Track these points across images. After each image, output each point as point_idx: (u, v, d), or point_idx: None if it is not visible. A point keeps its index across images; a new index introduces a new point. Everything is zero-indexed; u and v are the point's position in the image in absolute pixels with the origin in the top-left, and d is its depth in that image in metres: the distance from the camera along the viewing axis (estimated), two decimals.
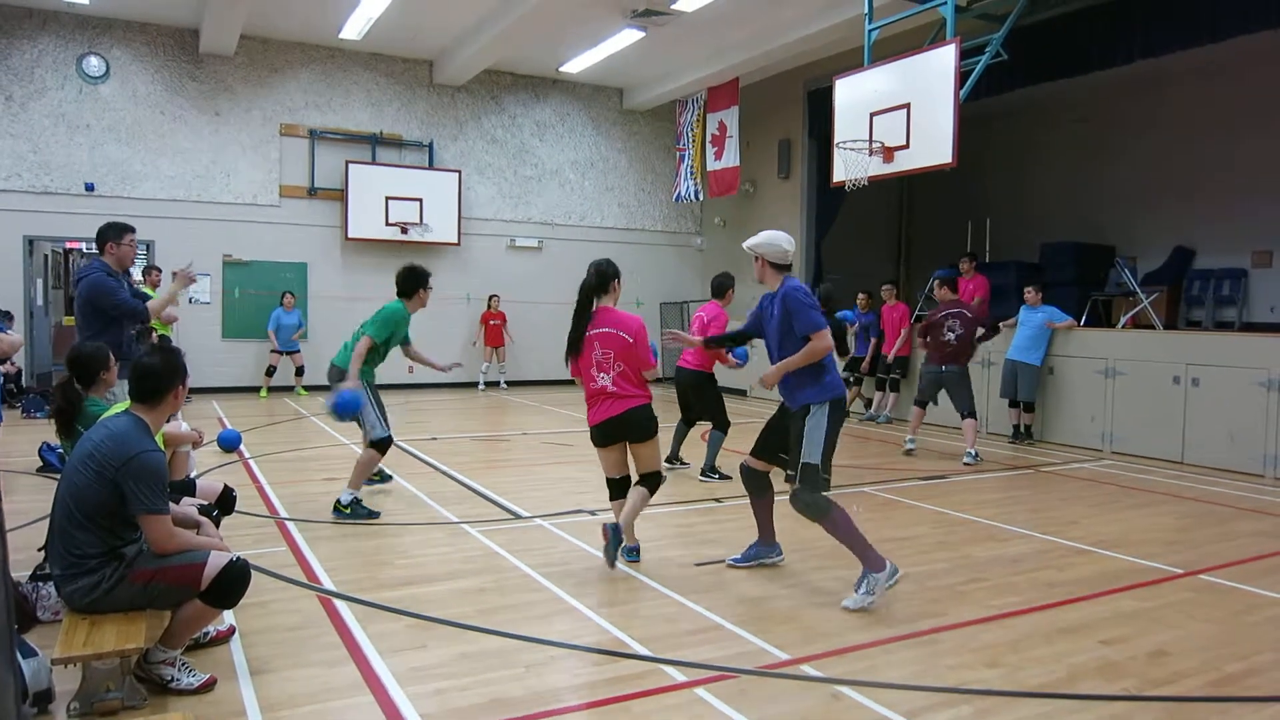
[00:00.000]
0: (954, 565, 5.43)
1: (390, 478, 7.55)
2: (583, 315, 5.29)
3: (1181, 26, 9.76)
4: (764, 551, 5.35)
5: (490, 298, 15.98)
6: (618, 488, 5.37)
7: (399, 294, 6.67)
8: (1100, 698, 3.57)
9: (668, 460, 8.10)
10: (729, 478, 7.66)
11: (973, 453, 9.05)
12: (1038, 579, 5.17)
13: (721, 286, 8.26)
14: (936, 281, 9.63)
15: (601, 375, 5.15)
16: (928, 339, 9.40)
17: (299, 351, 14.46)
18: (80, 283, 5.78)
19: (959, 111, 9.61)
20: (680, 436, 8.36)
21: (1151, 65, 10.84)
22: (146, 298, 6.17)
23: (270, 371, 14.35)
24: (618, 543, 5.15)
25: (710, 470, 7.95)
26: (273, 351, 14.32)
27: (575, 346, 5.23)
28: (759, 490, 5.25)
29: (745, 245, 5.10)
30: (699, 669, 3.77)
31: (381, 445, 6.49)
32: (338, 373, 6.57)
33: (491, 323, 15.92)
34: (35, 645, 3.44)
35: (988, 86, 10.57)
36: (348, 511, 6.27)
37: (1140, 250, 13.35)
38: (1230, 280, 12.46)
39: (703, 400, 8.09)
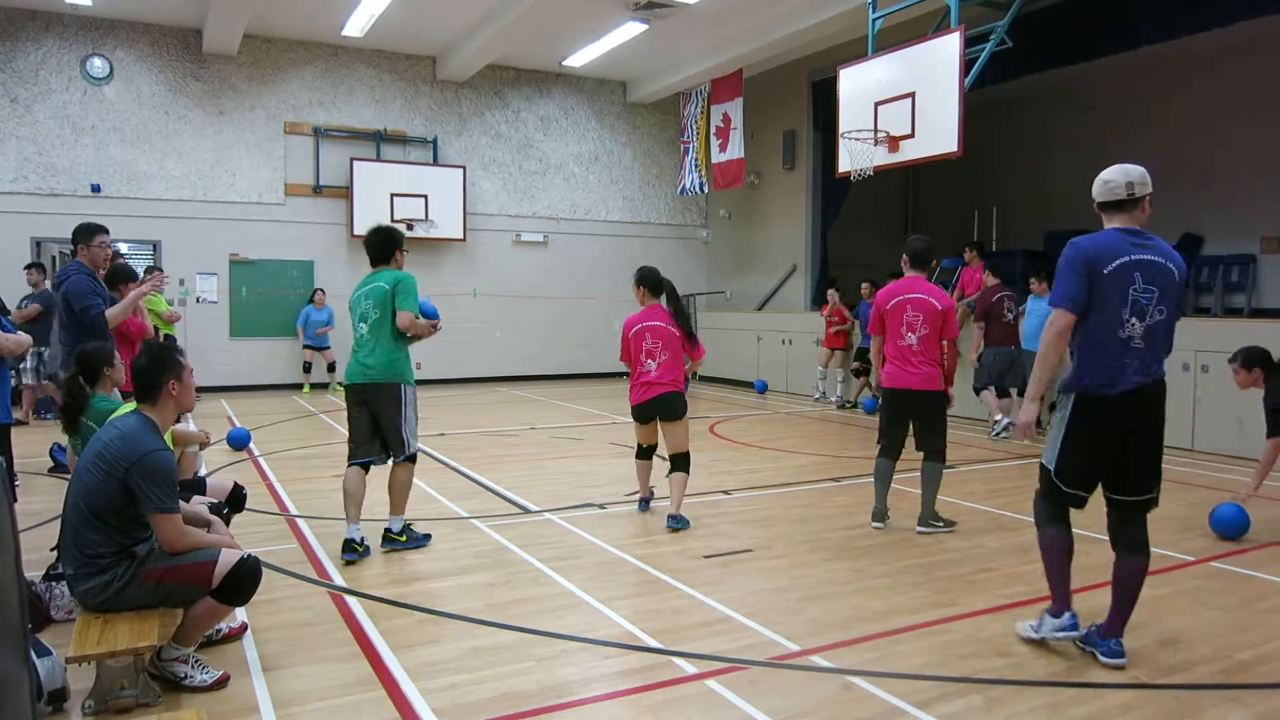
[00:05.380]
0: (964, 555, 5.42)
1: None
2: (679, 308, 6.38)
3: (1188, 12, 9.70)
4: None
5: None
6: (644, 452, 6.44)
7: (380, 261, 5.48)
8: (1111, 686, 3.57)
9: (878, 521, 6.10)
10: (954, 524, 6.05)
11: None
12: None
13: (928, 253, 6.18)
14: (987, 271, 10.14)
15: (649, 362, 6.10)
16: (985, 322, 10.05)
17: (329, 348, 14.63)
18: (61, 284, 5.82)
19: (964, 100, 9.56)
20: (889, 476, 6.11)
21: (1158, 51, 10.78)
22: (114, 301, 6.12)
23: (306, 368, 14.67)
24: (644, 506, 6.47)
25: (935, 519, 5.99)
26: (304, 347, 14.63)
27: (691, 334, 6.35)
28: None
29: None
30: (710, 661, 3.78)
31: (414, 459, 5.50)
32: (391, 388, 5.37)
33: None
34: (49, 644, 3.47)
35: (993, 74, 10.52)
36: (403, 539, 5.45)
37: None
38: (1239, 267, 12.39)
39: (938, 425, 6.01)
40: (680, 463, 6.16)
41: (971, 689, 3.53)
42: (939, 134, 9.82)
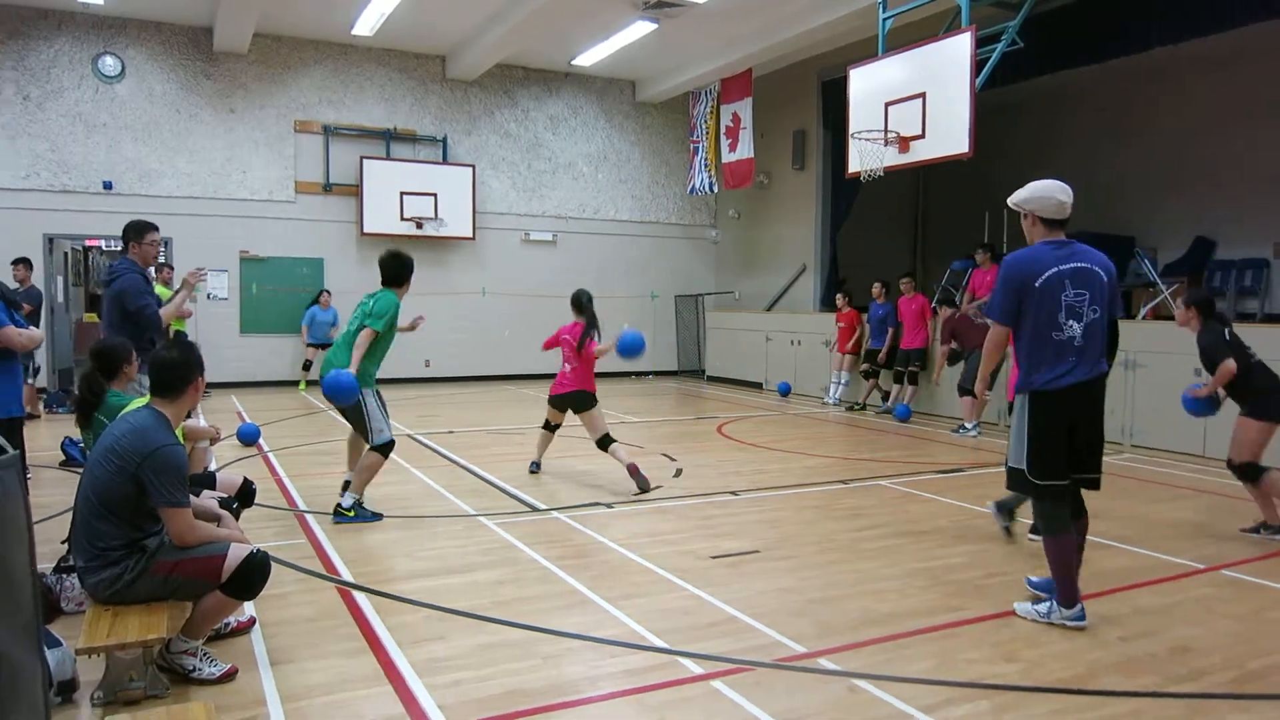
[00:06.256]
0: (973, 559, 5.41)
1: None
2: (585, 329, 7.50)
3: (1200, 14, 9.64)
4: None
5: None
6: (549, 426, 7.89)
7: (388, 282, 6.31)
8: (1120, 694, 3.55)
9: None
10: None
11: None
12: None
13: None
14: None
15: (566, 365, 7.57)
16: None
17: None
18: (112, 282, 5.81)
19: (975, 100, 9.53)
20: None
21: (1170, 53, 10.73)
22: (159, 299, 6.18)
23: (306, 366, 14.66)
24: (536, 468, 7.90)
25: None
26: (307, 345, 14.64)
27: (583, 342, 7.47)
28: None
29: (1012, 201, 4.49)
30: (715, 661, 3.77)
31: (386, 449, 6.10)
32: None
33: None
34: (60, 636, 3.49)
35: (1004, 75, 10.49)
36: (351, 514, 6.02)
37: (1160, 241, 13.22)
38: (1252, 271, 12.32)
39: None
40: (602, 443, 7.34)
41: (979, 694, 3.52)
42: (950, 134, 9.79)
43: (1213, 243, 12.96)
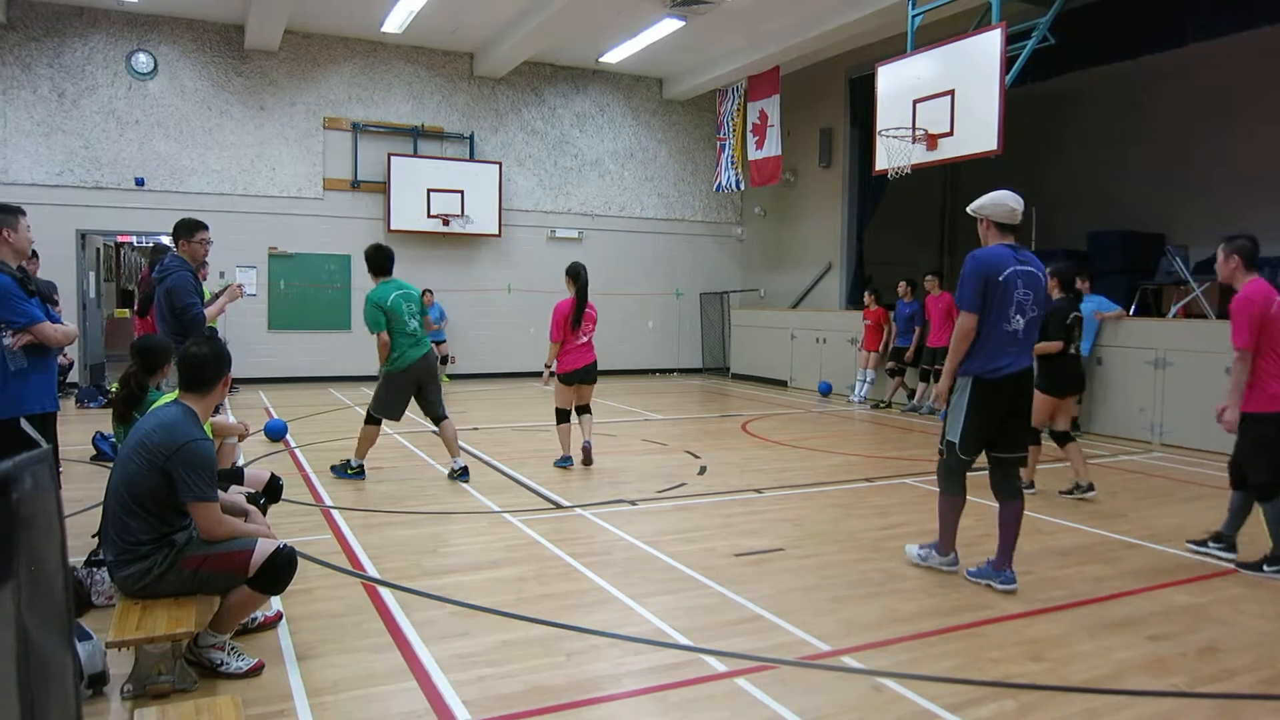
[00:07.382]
0: None
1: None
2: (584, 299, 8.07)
3: (1233, 10, 9.49)
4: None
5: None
6: (568, 415, 8.06)
7: (387, 273, 8.05)
8: (1148, 694, 3.51)
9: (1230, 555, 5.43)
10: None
11: None
12: (1085, 573, 5.09)
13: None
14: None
15: (583, 336, 8.00)
16: None
17: (444, 341, 15.14)
18: (165, 279, 5.86)
19: (1005, 97, 9.43)
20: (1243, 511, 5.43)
21: (1204, 49, 10.56)
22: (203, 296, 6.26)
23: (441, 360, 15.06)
24: (570, 463, 7.98)
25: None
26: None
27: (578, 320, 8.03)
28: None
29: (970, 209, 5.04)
30: (739, 659, 3.77)
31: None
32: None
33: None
34: (90, 629, 3.54)
35: (1034, 71, 10.37)
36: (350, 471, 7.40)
37: (1191, 238, 12.99)
38: None
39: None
40: (585, 408, 8.18)
41: (1004, 694, 3.49)
42: (979, 132, 9.70)
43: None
